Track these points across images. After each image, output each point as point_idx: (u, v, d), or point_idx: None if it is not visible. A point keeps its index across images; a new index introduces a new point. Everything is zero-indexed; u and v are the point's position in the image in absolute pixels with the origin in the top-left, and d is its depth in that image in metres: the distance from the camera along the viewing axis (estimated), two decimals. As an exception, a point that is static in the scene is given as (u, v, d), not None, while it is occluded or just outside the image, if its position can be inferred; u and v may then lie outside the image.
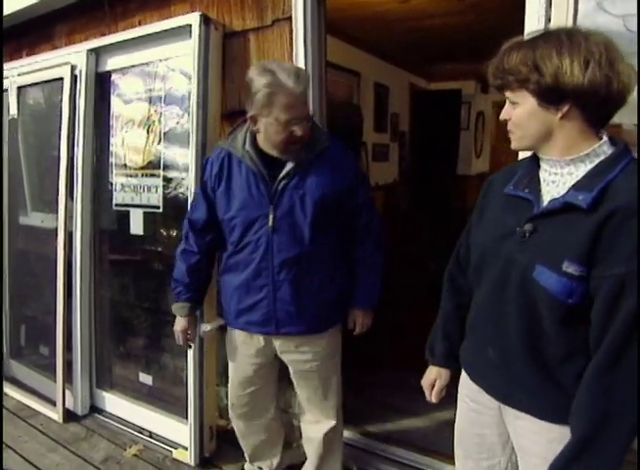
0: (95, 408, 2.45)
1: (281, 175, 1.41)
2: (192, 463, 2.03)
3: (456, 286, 1.20)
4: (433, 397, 1.25)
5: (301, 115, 1.34)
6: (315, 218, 1.42)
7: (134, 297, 2.38)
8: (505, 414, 1.06)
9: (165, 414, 2.22)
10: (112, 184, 2.26)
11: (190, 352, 1.96)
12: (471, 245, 1.09)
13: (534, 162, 0.97)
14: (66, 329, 2.32)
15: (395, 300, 3.57)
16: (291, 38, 1.80)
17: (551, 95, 0.85)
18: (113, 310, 2.44)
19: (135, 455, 2.13)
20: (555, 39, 0.84)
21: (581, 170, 0.88)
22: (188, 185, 1.93)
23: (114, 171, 2.24)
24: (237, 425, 1.83)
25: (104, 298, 2.43)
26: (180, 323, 1.67)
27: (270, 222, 1.42)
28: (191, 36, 1.84)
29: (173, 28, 1.91)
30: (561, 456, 0.88)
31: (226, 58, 1.96)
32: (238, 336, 1.63)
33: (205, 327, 1.96)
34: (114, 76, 2.21)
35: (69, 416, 2.38)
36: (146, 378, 2.32)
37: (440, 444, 2.07)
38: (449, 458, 1.89)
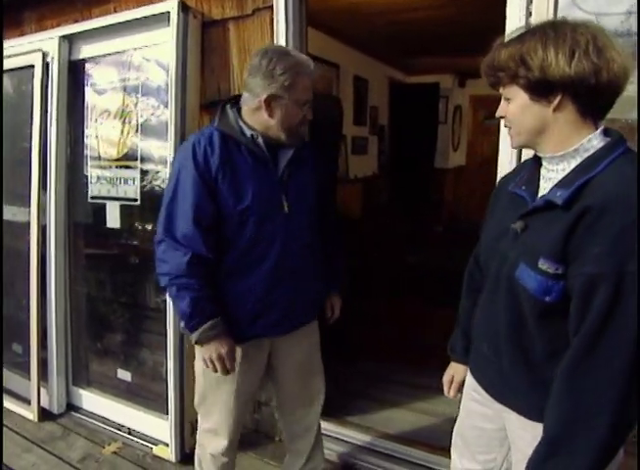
0: (71, 406, 2.39)
1: (286, 161, 1.38)
2: (173, 459, 2.01)
3: (474, 284, 1.18)
4: (451, 392, 1.25)
5: (311, 99, 1.36)
6: (315, 204, 1.46)
7: (111, 291, 2.32)
8: (500, 410, 1.05)
9: (145, 411, 2.19)
10: (87, 176, 2.20)
11: (170, 348, 1.94)
12: (482, 243, 1.09)
13: (537, 159, 0.96)
14: (40, 326, 2.26)
15: (374, 291, 3.60)
16: (272, 28, 1.77)
17: (540, 88, 0.84)
18: (89, 306, 2.38)
19: (114, 453, 2.09)
20: (541, 32, 0.83)
21: (571, 165, 0.86)
22: (166, 178, 1.90)
23: (90, 163, 2.18)
24: (218, 461, 1.57)
25: (79, 293, 2.37)
26: (219, 347, 1.32)
27: (286, 209, 1.37)
28: (169, 24, 1.80)
29: (151, 16, 1.86)
30: (534, 455, 0.86)
31: (205, 47, 1.92)
32: (247, 348, 1.43)
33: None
34: (88, 65, 2.14)
35: (45, 415, 2.33)
36: (124, 374, 2.28)
37: (422, 434, 2.12)
38: (430, 448, 1.95)
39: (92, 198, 2.20)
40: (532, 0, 1.44)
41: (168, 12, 1.78)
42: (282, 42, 1.76)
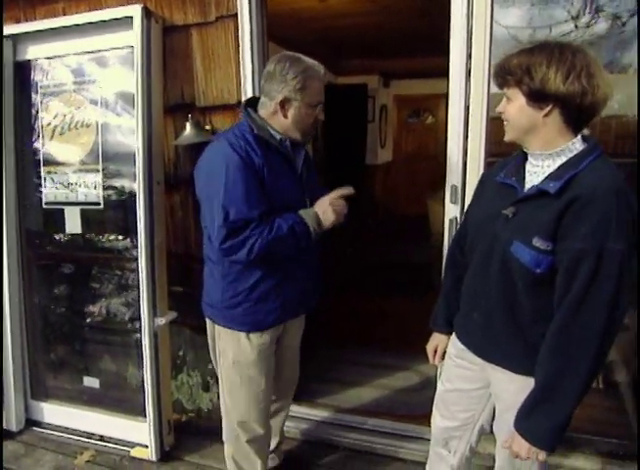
0: (32, 422, 2.30)
1: (302, 160, 1.51)
2: (153, 458, 2.03)
3: (456, 262, 1.36)
4: (436, 360, 1.44)
5: (323, 101, 1.45)
6: None
7: (70, 300, 2.26)
8: (486, 368, 1.25)
9: (117, 415, 2.17)
10: (40, 182, 2.12)
11: (146, 348, 1.95)
12: (467, 225, 1.28)
13: (523, 156, 1.15)
14: (-7, 340, 2.15)
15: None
16: (236, 35, 1.86)
17: (537, 96, 1.01)
18: (45, 317, 2.30)
19: (88, 462, 2.06)
20: (548, 50, 1.00)
21: (557, 163, 1.05)
22: (131, 179, 1.92)
23: (43, 168, 2.11)
24: (256, 446, 1.64)
25: (34, 304, 2.27)
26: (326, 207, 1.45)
27: (308, 204, 1.48)
28: (132, 28, 1.81)
29: (110, 20, 1.85)
30: (526, 401, 1.08)
31: (166, 52, 1.96)
32: (268, 335, 1.53)
33: (160, 321, 1.97)
34: (37, 66, 2.06)
35: (3, 435, 2.21)
36: (92, 381, 2.23)
37: (384, 406, 2.33)
38: (393, 417, 2.16)
39: (47, 204, 2.12)
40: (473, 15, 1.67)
41: (131, 16, 1.80)
42: (247, 49, 1.86)
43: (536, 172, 1.10)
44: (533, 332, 1.09)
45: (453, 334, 1.37)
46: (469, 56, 1.69)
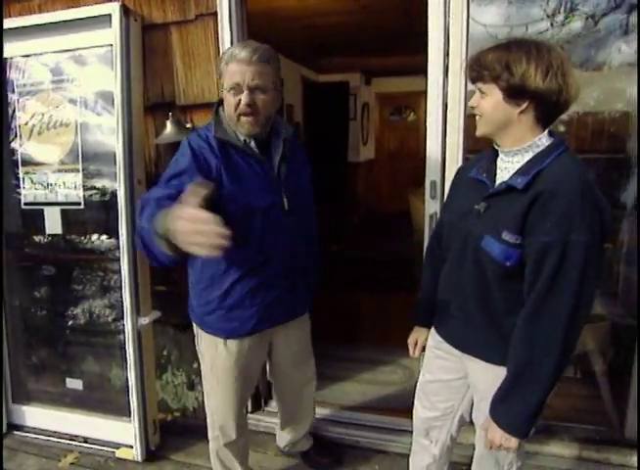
0: (13, 426, 2.26)
1: (278, 157, 1.40)
2: (139, 459, 2.02)
3: (434, 258, 1.37)
4: (416, 352, 1.46)
5: (247, 82, 1.28)
6: (310, 199, 1.56)
7: (52, 301, 2.24)
8: (464, 359, 1.28)
9: (101, 416, 2.16)
10: (18, 182, 2.09)
11: (130, 348, 1.95)
12: (444, 221, 1.30)
13: (494, 152, 1.17)
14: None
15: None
16: (216, 34, 1.86)
17: (515, 92, 1.02)
18: (27, 319, 2.27)
19: (73, 464, 2.05)
20: (526, 47, 1.01)
21: (525, 159, 1.07)
22: (111, 179, 1.91)
23: (21, 168, 2.08)
24: (233, 450, 1.68)
25: (15, 306, 2.24)
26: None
27: (286, 206, 1.41)
28: (110, 26, 1.80)
29: (88, 18, 1.83)
30: (499, 389, 1.11)
31: (146, 50, 1.94)
32: (250, 342, 1.49)
33: (143, 320, 1.96)
34: (13, 64, 2.03)
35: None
36: (75, 383, 2.21)
37: (371, 401, 2.36)
38: (379, 411, 2.20)
39: (26, 204, 2.10)
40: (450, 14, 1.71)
41: (109, 14, 1.78)
42: (227, 47, 1.85)
43: (507, 168, 1.12)
44: (506, 322, 1.13)
45: (433, 327, 1.39)
46: (446, 53, 1.72)
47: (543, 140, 1.07)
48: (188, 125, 1.97)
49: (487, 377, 1.19)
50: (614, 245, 2.26)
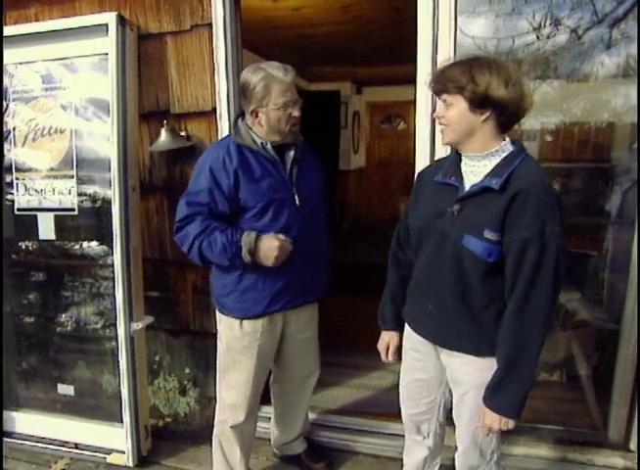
0: (2, 432, 2.25)
1: (290, 160, 1.58)
2: (130, 464, 2.02)
3: (398, 262, 1.45)
4: (389, 356, 1.51)
5: (294, 98, 1.51)
6: (322, 199, 1.70)
7: (44, 307, 2.24)
8: (442, 356, 1.34)
9: (92, 422, 2.16)
10: (13, 187, 2.10)
11: (122, 353, 1.96)
12: (410, 226, 1.35)
13: (457, 157, 1.25)
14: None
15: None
16: (211, 44, 1.90)
17: (480, 102, 1.11)
18: (16, 325, 2.27)
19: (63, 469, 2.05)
20: (486, 62, 1.12)
21: (493, 163, 1.16)
22: (106, 185, 1.93)
23: (15, 174, 2.09)
24: (238, 435, 1.73)
25: (6, 312, 2.24)
26: (269, 242, 1.51)
27: (297, 202, 1.56)
28: (106, 36, 1.83)
29: (84, 27, 1.86)
30: (493, 379, 1.18)
31: (141, 59, 1.98)
32: (262, 325, 1.62)
33: (136, 325, 1.97)
34: (7, 70, 2.04)
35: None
36: (66, 389, 2.21)
37: (360, 405, 2.39)
38: (370, 415, 2.22)
39: (19, 210, 2.11)
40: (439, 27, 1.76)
41: (106, 24, 1.81)
42: (221, 57, 1.90)
43: (473, 172, 1.20)
44: (486, 315, 1.20)
45: (407, 329, 1.44)
46: (435, 64, 1.77)
47: (508, 146, 1.18)
48: (182, 133, 2.00)
49: (470, 369, 1.25)
50: (599, 253, 2.33)
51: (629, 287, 1.87)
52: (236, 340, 1.63)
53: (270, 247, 1.47)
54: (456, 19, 1.78)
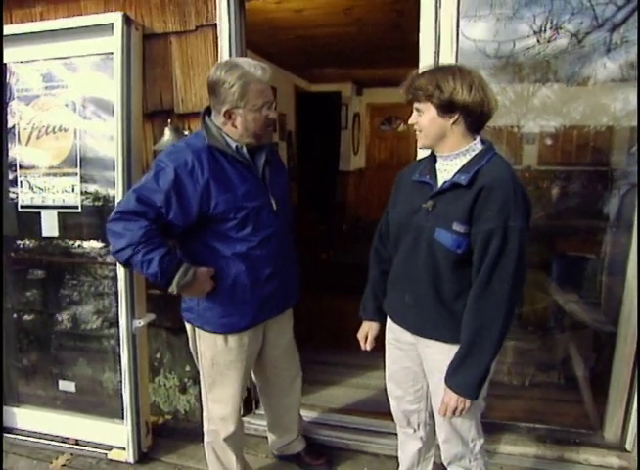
0: (3, 428, 2.26)
1: (262, 162, 1.50)
2: (131, 460, 2.04)
3: (380, 257, 1.52)
4: (367, 345, 1.58)
5: (271, 99, 1.44)
6: (290, 201, 1.66)
7: (45, 305, 2.26)
8: (419, 347, 1.40)
9: (93, 418, 2.17)
10: (16, 184, 2.12)
11: (124, 350, 1.97)
12: (390, 222, 1.42)
13: (433, 158, 1.33)
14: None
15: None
16: (216, 45, 1.92)
17: (447, 107, 1.19)
18: (16, 321, 2.28)
19: (64, 466, 2.06)
20: (450, 70, 1.21)
21: (463, 161, 1.24)
22: (109, 184, 1.95)
23: (19, 172, 2.10)
24: (231, 444, 1.70)
25: (7, 309, 2.25)
26: (201, 286, 1.47)
27: (274, 206, 1.51)
28: (111, 35, 1.85)
29: (89, 26, 1.88)
30: (454, 360, 1.25)
31: (146, 59, 1.99)
32: (246, 336, 1.57)
33: (138, 323, 1.99)
34: (11, 69, 2.06)
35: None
36: (67, 385, 2.22)
37: (359, 404, 2.40)
38: (369, 414, 2.24)
39: (22, 207, 2.12)
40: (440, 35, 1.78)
41: (112, 23, 1.83)
42: (226, 57, 1.91)
43: (446, 170, 1.28)
44: (456, 304, 1.27)
45: (389, 321, 1.50)
46: (437, 67, 1.79)
47: (478, 145, 1.25)
48: (186, 132, 2.02)
49: (442, 357, 1.30)
50: (597, 256, 2.35)
51: (626, 290, 1.90)
52: (221, 355, 1.57)
53: (205, 283, 1.44)
54: (458, 22, 1.80)
